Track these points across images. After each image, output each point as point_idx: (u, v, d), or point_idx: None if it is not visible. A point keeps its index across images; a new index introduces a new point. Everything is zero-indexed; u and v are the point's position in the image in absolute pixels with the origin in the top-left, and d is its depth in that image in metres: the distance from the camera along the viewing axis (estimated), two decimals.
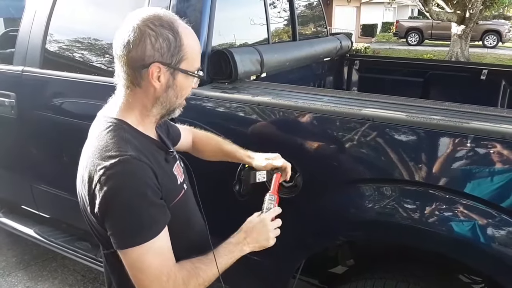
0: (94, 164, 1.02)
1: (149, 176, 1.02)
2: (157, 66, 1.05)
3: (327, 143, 1.46)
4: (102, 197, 0.98)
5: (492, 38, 20.06)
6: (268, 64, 2.11)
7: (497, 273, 1.26)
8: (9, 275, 2.77)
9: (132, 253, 1.00)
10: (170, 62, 1.07)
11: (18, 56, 2.28)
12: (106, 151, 1.02)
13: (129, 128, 1.09)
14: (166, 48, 1.05)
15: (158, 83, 1.08)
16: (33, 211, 2.54)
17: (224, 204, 1.61)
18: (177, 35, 1.07)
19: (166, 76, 1.08)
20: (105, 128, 1.08)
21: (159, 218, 1.04)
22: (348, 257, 1.81)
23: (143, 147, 1.08)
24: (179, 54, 1.08)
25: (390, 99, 1.57)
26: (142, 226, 1.00)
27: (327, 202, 1.48)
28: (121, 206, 0.99)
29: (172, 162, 1.21)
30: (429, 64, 3.36)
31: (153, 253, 1.01)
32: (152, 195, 1.02)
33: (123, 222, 1.00)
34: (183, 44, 1.08)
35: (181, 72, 1.10)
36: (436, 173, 1.28)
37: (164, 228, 1.05)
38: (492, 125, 1.24)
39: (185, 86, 1.13)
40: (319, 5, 3.43)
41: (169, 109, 1.15)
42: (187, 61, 1.10)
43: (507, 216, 1.21)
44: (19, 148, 2.39)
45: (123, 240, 1.01)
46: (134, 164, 1.00)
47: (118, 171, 0.98)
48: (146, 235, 1.00)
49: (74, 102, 2.15)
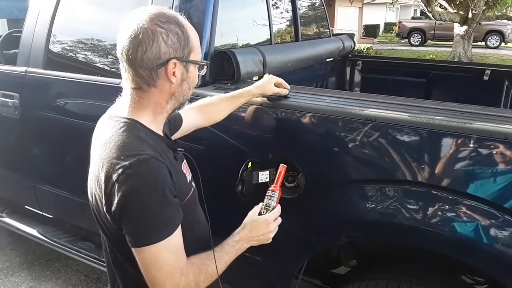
0: (112, 163, 1.01)
1: (166, 175, 1.04)
2: (173, 62, 1.07)
3: (330, 144, 1.46)
4: (121, 196, 0.98)
5: (495, 39, 20.00)
6: (271, 65, 2.11)
7: (499, 273, 1.26)
8: (12, 275, 2.78)
9: (148, 251, 1.02)
10: (183, 55, 1.09)
11: (22, 57, 2.29)
12: (124, 150, 1.02)
13: (142, 128, 1.10)
14: (177, 42, 1.07)
15: (174, 78, 1.09)
16: (36, 211, 2.55)
17: (226, 204, 1.61)
18: (183, 28, 1.09)
19: (180, 70, 1.10)
20: (119, 128, 1.08)
21: (174, 216, 1.06)
22: (350, 258, 1.81)
23: (158, 146, 1.09)
24: (188, 46, 1.10)
25: (392, 99, 1.57)
26: (159, 225, 1.02)
27: (329, 202, 1.48)
28: (140, 205, 1.00)
29: (180, 161, 1.23)
30: (431, 64, 3.36)
31: (169, 251, 1.03)
32: (169, 194, 1.03)
33: (141, 220, 1.01)
34: (189, 36, 1.10)
35: (191, 63, 1.12)
36: (438, 173, 1.28)
37: (179, 225, 1.07)
38: (495, 126, 1.24)
39: (195, 76, 1.17)
40: (321, 5, 3.43)
41: (182, 102, 1.17)
42: (195, 51, 1.12)
43: (510, 217, 1.21)
44: (22, 148, 2.40)
45: (141, 239, 1.02)
46: (153, 163, 1.01)
47: (137, 170, 0.99)
48: (163, 234, 1.02)
49: (78, 103, 2.15)
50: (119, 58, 1.09)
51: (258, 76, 2.11)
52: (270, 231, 1.27)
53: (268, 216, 1.28)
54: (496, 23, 19.05)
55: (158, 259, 1.02)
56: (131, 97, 1.11)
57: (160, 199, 1.01)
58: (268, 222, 1.26)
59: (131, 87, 1.10)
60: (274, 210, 1.30)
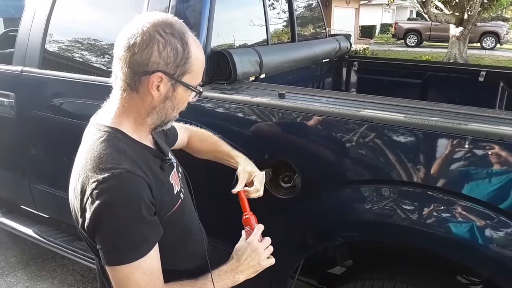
0: (87, 176, 0.98)
1: (143, 191, 0.99)
2: (159, 76, 1.02)
3: (326, 144, 1.46)
4: (93, 212, 0.95)
5: (490, 40, 20.07)
6: (267, 65, 2.12)
7: (495, 274, 1.26)
8: (8, 275, 2.77)
9: (120, 270, 0.98)
10: (174, 73, 1.03)
11: (18, 56, 2.28)
12: (100, 163, 0.98)
13: (123, 137, 1.06)
14: (172, 58, 1.02)
15: (157, 93, 1.04)
16: (32, 211, 2.54)
17: (222, 206, 1.62)
18: (186, 46, 1.03)
19: (166, 86, 1.04)
20: (98, 137, 1.04)
21: (150, 236, 1.01)
22: (346, 258, 1.81)
23: (138, 157, 1.05)
24: (184, 66, 1.04)
25: (388, 100, 1.58)
26: (132, 244, 0.98)
27: (325, 203, 1.48)
28: (112, 222, 0.96)
29: (169, 170, 1.17)
30: (427, 65, 3.37)
31: (141, 273, 0.98)
32: (145, 212, 0.98)
33: (112, 239, 0.98)
34: (191, 57, 1.04)
35: (182, 85, 1.06)
36: (434, 174, 1.29)
37: (154, 246, 1.02)
38: (490, 127, 1.24)
39: (184, 99, 1.10)
40: (318, 6, 3.43)
41: (163, 120, 1.11)
42: (191, 74, 1.07)
43: (505, 218, 1.21)
44: (18, 148, 2.39)
45: (112, 257, 0.98)
46: (128, 178, 0.97)
47: (110, 185, 0.95)
48: (136, 254, 0.98)
49: (73, 103, 2.15)
50: (114, 52, 1.06)
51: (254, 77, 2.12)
52: (258, 254, 1.19)
53: (250, 239, 1.21)
54: (492, 25, 19.14)
55: (130, 281, 0.98)
56: (116, 100, 1.08)
57: (134, 216, 0.97)
58: (253, 246, 1.19)
59: (118, 87, 1.07)
60: (255, 231, 1.24)
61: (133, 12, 1.90)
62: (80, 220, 1.01)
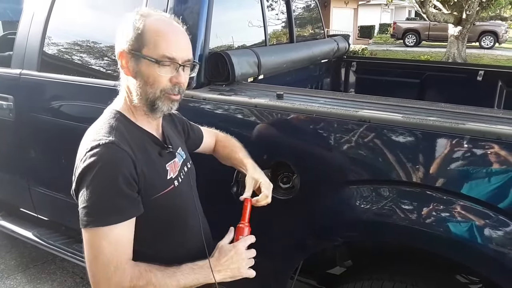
0: (82, 146, 1.09)
1: (125, 165, 1.04)
2: (121, 53, 1.11)
3: (324, 145, 1.46)
4: (78, 175, 1.04)
5: (489, 39, 20.09)
6: (265, 66, 2.12)
7: (494, 273, 1.27)
8: (7, 277, 2.77)
9: (89, 233, 1.03)
10: (132, 48, 1.10)
11: (16, 59, 2.28)
12: (94, 135, 1.08)
13: (123, 119, 1.14)
14: (131, 35, 1.10)
15: (127, 70, 1.12)
16: (31, 213, 2.54)
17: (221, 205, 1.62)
18: (145, 21, 1.10)
19: (131, 62, 1.11)
20: (102, 117, 1.16)
21: (123, 208, 1.04)
22: (346, 258, 1.81)
23: (133, 138, 1.11)
24: (140, 39, 1.09)
25: (387, 100, 1.58)
26: (103, 210, 1.02)
27: (324, 203, 1.49)
28: (91, 186, 1.02)
29: (168, 158, 1.21)
30: (426, 65, 3.38)
31: (108, 241, 1.02)
32: (123, 184, 1.03)
33: (87, 201, 1.02)
34: (145, 29, 1.09)
35: (142, 58, 1.10)
36: (432, 174, 1.29)
37: (128, 220, 1.05)
38: (488, 126, 1.25)
39: (152, 73, 1.10)
40: (316, 7, 3.44)
41: (147, 100, 1.13)
42: (148, 46, 1.09)
43: (504, 217, 1.22)
44: (17, 150, 2.39)
45: (84, 220, 1.03)
46: (112, 149, 1.04)
47: (95, 153, 1.03)
48: (105, 221, 1.02)
49: (72, 105, 2.15)
50: None
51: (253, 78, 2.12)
52: (240, 260, 1.17)
53: (237, 243, 1.21)
54: (490, 24, 19.14)
55: (96, 246, 1.02)
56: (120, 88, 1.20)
57: (110, 185, 1.02)
58: (237, 250, 1.18)
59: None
60: (245, 238, 1.23)
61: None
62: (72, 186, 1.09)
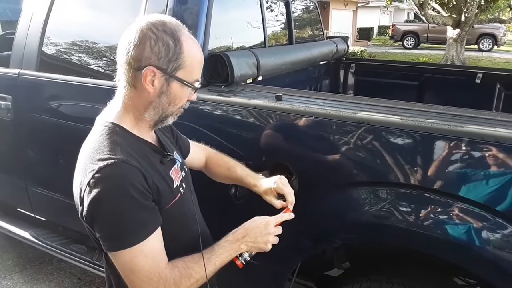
0: (85, 167, 1.04)
1: (138, 180, 1.02)
2: (151, 70, 1.06)
3: (323, 146, 1.46)
4: (91, 200, 0.99)
5: (487, 42, 20.15)
6: (265, 68, 2.12)
7: (491, 275, 1.27)
8: (4, 278, 2.76)
9: (122, 255, 1.02)
10: (166, 68, 1.07)
11: (15, 58, 2.28)
12: (97, 154, 1.04)
13: (122, 132, 1.10)
14: (164, 53, 1.06)
15: (151, 87, 1.08)
16: (29, 213, 2.53)
17: (220, 207, 1.62)
18: (178, 42, 1.07)
19: (160, 81, 1.08)
20: (99, 132, 1.10)
21: (148, 221, 1.04)
22: (344, 260, 1.81)
23: (136, 150, 1.09)
24: (177, 61, 1.07)
25: (385, 102, 1.58)
26: (130, 229, 1.01)
27: (323, 205, 1.48)
28: (109, 209, 1.00)
29: (169, 165, 1.20)
30: (424, 67, 3.38)
31: (144, 256, 1.02)
32: (141, 198, 1.02)
33: (110, 225, 1.01)
34: (183, 52, 1.08)
35: (176, 80, 1.09)
36: (431, 176, 1.29)
37: (155, 230, 1.05)
38: (486, 129, 1.25)
39: (180, 95, 1.13)
40: (315, 8, 3.44)
41: (161, 115, 1.14)
42: (185, 70, 1.10)
43: (501, 219, 1.22)
44: (15, 150, 2.39)
45: (112, 243, 1.02)
46: (122, 167, 1.01)
47: (106, 174, 0.99)
48: (135, 238, 1.01)
49: (70, 105, 2.15)
50: (117, 52, 1.12)
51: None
52: (268, 234, 1.19)
53: (270, 218, 1.23)
54: (489, 26, 19.19)
55: (134, 264, 1.02)
56: (118, 97, 1.14)
57: (130, 203, 1.00)
58: (268, 224, 1.20)
59: (120, 85, 1.13)
60: (278, 215, 1.25)
61: (131, 14, 1.91)
62: (79, 210, 1.05)
